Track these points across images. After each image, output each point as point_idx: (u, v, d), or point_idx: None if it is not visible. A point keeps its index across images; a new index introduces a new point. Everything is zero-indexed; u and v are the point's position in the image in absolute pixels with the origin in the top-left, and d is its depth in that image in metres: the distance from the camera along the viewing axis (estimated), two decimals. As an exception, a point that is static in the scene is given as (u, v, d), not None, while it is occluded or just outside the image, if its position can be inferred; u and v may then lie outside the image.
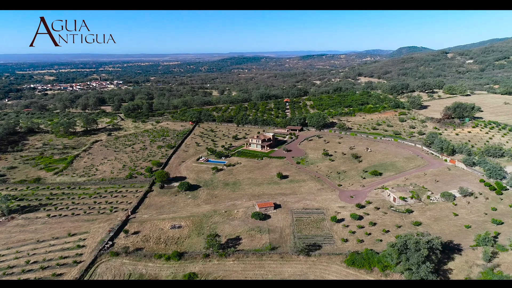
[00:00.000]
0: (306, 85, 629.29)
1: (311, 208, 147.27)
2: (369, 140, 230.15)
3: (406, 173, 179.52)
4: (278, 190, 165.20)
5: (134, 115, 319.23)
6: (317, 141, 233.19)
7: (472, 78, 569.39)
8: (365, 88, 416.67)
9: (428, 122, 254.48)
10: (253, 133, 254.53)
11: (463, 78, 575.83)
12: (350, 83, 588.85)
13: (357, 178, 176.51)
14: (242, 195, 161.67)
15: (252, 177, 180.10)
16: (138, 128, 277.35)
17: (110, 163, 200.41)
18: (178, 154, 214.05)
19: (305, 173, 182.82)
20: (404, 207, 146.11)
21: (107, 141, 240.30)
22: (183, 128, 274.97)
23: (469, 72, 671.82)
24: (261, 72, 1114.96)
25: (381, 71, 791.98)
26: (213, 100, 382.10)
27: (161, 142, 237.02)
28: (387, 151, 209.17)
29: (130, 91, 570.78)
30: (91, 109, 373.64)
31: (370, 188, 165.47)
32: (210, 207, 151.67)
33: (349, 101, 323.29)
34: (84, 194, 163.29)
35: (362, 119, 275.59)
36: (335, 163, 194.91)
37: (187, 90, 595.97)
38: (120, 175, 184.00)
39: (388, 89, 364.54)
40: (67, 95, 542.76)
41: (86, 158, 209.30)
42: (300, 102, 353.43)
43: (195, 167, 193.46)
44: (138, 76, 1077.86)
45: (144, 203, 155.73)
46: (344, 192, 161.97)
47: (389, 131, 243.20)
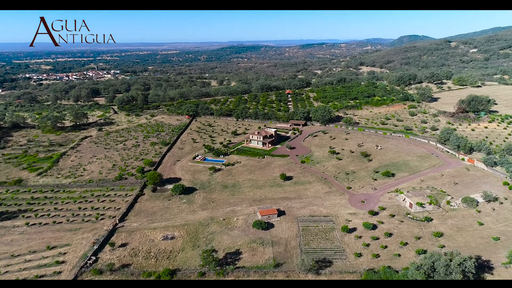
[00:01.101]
0: (307, 75, 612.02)
1: (319, 215, 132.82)
2: (378, 136, 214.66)
3: (421, 174, 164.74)
4: (281, 194, 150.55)
5: (128, 108, 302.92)
6: (322, 137, 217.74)
7: (477, 67, 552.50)
8: (370, 78, 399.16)
9: (440, 116, 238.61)
10: (253, 128, 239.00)
11: (468, 68, 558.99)
12: (352, 73, 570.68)
13: (368, 179, 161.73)
14: (242, 199, 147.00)
15: (253, 178, 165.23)
16: (131, 123, 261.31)
17: (99, 162, 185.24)
18: (173, 152, 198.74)
19: (311, 173, 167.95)
20: (422, 214, 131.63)
21: (98, 137, 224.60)
22: (179, 122, 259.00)
23: (473, 61, 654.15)
24: (260, 62, 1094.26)
25: (383, 60, 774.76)
26: (212, 92, 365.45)
27: (155, 138, 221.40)
28: (399, 148, 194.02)
29: (126, 81, 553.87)
30: (84, 101, 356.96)
31: (383, 192, 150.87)
32: (206, 213, 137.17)
33: (355, 93, 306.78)
34: (69, 199, 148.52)
35: (370, 112, 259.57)
36: (343, 162, 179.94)
37: (185, 80, 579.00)
38: (109, 176, 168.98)
39: (395, 80, 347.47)
40: (61, 85, 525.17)
41: (74, 156, 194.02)
42: (302, 93, 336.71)
43: (191, 167, 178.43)
44: (136, 65, 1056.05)
45: (134, 209, 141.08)
46: (354, 196, 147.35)
47: (399, 126, 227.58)
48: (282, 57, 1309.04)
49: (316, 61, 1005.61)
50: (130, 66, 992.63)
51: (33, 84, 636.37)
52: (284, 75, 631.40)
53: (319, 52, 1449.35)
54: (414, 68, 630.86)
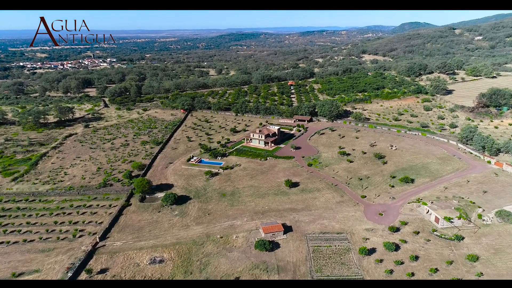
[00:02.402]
0: (309, 63, 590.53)
1: (331, 232, 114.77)
2: (392, 134, 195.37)
3: (444, 180, 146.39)
4: (287, 204, 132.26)
5: (120, 101, 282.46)
6: (330, 135, 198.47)
7: (484, 56, 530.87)
8: (377, 68, 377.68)
9: (458, 111, 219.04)
10: (254, 124, 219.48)
11: (474, 56, 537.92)
12: (355, 62, 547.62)
13: (384, 186, 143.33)
14: (242, 211, 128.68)
15: (254, 184, 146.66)
16: (122, 118, 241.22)
17: (82, 165, 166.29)
18: (165, 153, 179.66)
19: (319, 179, 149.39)
20: (450, 230, 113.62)
21: (83, 135, 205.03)
22: (173, 117, 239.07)
23: (478, 49, 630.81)
24: (260, 49, 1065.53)
25: (386, 48, 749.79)
26: (209, 83, 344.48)
27: (146, 136, 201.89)
28: (416, 149, 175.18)
29: (120, 70, 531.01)
30: (74, 93, 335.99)
31: (402, 201, 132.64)
32: (202, 229, 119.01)
33: (362, 85, 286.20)
34: (45, 210, 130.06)
35: (380, 106, 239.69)
36: (355, 165, 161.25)
37: (183, 69, 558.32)
38: (92, 181, 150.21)
39: (404, 71, 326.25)
40: (54, 74, 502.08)
41: (55, 157, 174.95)
42: (306, 85, 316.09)
43: (185, 171, 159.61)
44: (133, 53, 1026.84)
45: (118, 223, 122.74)
46: (370, 207, 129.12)
47: (414, 122, 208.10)
48: (282, 45, 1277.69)
49: (317, 48, 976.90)
50: (127, 54, 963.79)
51: (27, 73, 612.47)
52: (284, 64, 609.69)
53: (320, 39, 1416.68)
54: (418, 56, 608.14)
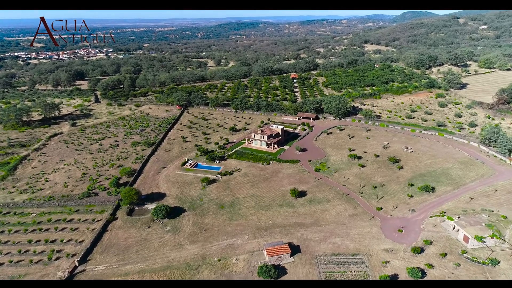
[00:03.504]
0: (310, 53, 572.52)
1: (346, 254, 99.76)
2: (406, 134, 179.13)
3: (468, 188, 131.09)
4: (293, 218, 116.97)
5: (112, 95, 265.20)
6: (338, 135, 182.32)
7: (490, 46, 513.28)
8: (383, 60, 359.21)
9: (476, 108, 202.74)
10: (255, 122, 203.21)
11: (480, 46, 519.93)
12: (358, 52, 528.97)
13: (402, 196, 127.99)
14: (243, 226, 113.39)
15: (256, 194, 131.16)
16: (113, 115, 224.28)
17: (66, 170, 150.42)
18: (158, 155, 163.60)
19: (329, 187, 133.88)
20: (483, 252, 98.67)
21: (70, 134, 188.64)
22: (168, 114, 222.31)
23: (483, 39, 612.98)
24: (260, 39, 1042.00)
25: (389, 38, 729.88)
26: (207, 75, 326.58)
27: (138, 136, 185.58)
28: (434, 151, 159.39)
29: (116, 61, 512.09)
30: (64, 86, 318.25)
31: (424, 214, 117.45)
32: (197, 249, 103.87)
33: (370, 78, 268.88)
34: (19, 225, 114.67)
35: (391, 102, 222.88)
36: (367, 170, 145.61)
37: (180, 60, 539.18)
38: (75, 190, 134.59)
39: (413, 62, 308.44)
40: (48, 65, 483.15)
41: (37, 161, 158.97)
42: (310, 78, 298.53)
43: (179, 177, 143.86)
44: (131, 43, 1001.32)
45: (101, 242, 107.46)
46: (388, 222, 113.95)
47: (429, 120, 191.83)
48: (282, 34, 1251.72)
49: (318, 38, 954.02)
50: (124, 44, 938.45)
51: (21, 63, 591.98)
52: (285, 54, 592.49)
53: (320, 29, 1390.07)
54: (422, 46, 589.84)
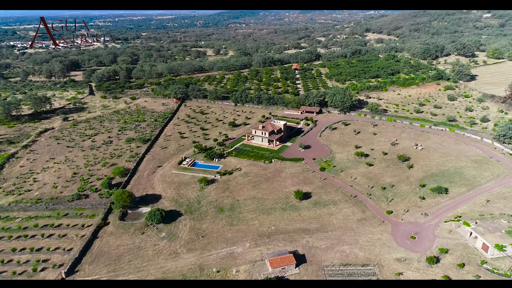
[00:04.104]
0: (311, 42, 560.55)
1: (355, 264, 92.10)
2: (415, 130, 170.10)
3: (483, 189, 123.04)
4: (298, 223, 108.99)
5: (106, 87, 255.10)
6: (343, 130, 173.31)
7: (494, 34, 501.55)
8: (388, 50, 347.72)
9: (487, 101, 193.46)
10: (256, 116, 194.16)
11: (484, 35, 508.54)
12: (360, 41, 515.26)
13: (413, 197, 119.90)
14: (243, 233, 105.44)
15: (257, 196, 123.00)
16: (107, 108, 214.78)
17: (56, 169, 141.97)
18: (153, 153, 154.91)
19: (335, 188, 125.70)
20: (503, 262, 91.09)
21: (61, 130, 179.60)
22: (164, 108, 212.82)
23: (487, 27, 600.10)
24: (259, 27, 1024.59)
25: (391, 26, 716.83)
26: (206, 66, 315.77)
27: (133, 131, 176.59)
28: (445, 149, 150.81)
29: (113, 51, 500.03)
30: (58, 77, 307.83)
31: (437, 219, 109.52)
32: (194, 258, 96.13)
33: (375, 69, 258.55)
34: (3, 231, 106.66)
35: (398, 95, 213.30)
36: (375, 169, 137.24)
37: (179, 49, 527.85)
38: (65, 191, 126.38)
39: (419, 53, 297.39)
40: (44, 55, 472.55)
41: (25, 159, 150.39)
42: (312, 69, 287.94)
43: (175, 177, 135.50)
44: (129, 31, 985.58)
45: (91, 250, 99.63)
46: (399, 227, 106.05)
47: (439, 115, 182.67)
48: (282, 23, 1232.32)
49: (319, 27, 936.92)
50: (122, 33, 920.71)
51: (16, 53, 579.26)
52: (285, 43, 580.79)
53: (320, 17, 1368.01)
54: (425, 35, 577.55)
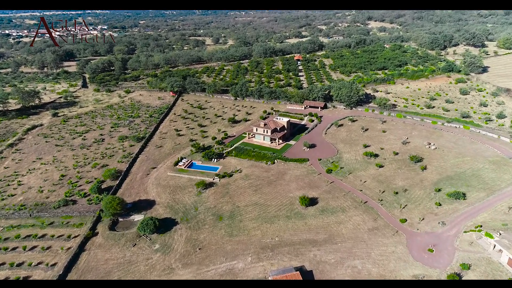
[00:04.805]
0: (312, 31, 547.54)
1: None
2: (427, 127, 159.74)
3: (504, 194, 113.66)
4: (304, 233, 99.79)
5: (100, 79, 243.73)
6: (350, 127, 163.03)
7: (499, 23, 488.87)
8: (393, 39, 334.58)
9: (502, 95, 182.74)
10: (257, 111, 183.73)
11: (489, 23, 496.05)
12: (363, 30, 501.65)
13: (428, 204, 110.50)
14: (245, 245, 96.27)
15: (259, 201, 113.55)
16: (100, 103, 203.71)
17: (43, 170, 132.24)
18: (147, 153, 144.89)
19: (343, 192, 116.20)
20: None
21: (50, 127, 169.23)
22: (160, 102, 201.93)
23: (492, 15, 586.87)
24: (259, 15, 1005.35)
25: (393, 14, 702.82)
26: (204, 56, 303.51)
27: (126, 128, 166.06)
28: (460, 148, 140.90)
29: (109, 40, 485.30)
30: (51, 68, 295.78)
31: (456, 229, 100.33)
32: (190, 274, 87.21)
33: (381, 60, 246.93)
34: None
35: (406, 88, 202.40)
36: (386, 171, 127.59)
37: (177, 38, 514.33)
38: (51, 196, 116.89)
39: (427, 43, 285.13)
40: (39, 44, 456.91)
41: (10, 159, 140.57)
42: (315, 60, 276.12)
43: (171, 180, 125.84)
44: (127, 19, 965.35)
45: (77, 265, 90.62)
46: (415, 238, 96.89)
47: (451, 110, 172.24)
48: (282, 10, 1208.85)
49: (319, 15, 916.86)
50: (120, 21, 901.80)
51: (11, 42, 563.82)
52: (286, 31, 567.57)
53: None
54: (428, 23, 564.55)
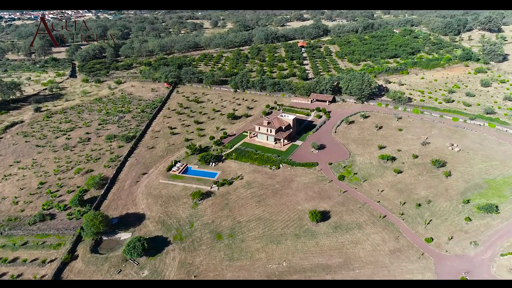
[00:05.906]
0: (315, 14, 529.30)
1: (393, 323, 69.44)
2: (447, 124, 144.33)
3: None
4: (316, 256, 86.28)
5: (90, 68, 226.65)
6: (362, 124, 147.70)
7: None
8: (402, 23, 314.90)
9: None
10: (259, 105, 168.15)
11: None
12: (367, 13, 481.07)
13: (456, 218, 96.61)
14: (247, 271, 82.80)
15: (264, 215, 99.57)
16: (88, 95, 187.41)
17: (20, 177, 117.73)
18: (138, 155, 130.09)
19: (358, 204, 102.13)
20: None
21: (32, 123, 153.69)
22: (153, 95, 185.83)
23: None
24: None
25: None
26: (202, 42, 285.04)
27: (115, 126, 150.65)
28: (487, 150, 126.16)
29: (103, 23, 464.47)
30: (38, 55, 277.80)
31: (491, 250, 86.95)
32: (183, 310, 73.71)
33: (392, 47, 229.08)
34: None
35: (421, 79, 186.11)
36: (406, 177, 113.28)
37: (174, 21, 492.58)
38: (27, 209, 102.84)
39: (440, 28, 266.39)
40: (31, 27, 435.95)
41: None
42: (320, 46, 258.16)
43: (163, 189, 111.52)
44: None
45: (51, 299, 77.03)
46: (444, 262, 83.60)
47: (473, 105, 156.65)
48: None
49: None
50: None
51: (3, 25, 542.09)
52: (287, 14, 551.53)
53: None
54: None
